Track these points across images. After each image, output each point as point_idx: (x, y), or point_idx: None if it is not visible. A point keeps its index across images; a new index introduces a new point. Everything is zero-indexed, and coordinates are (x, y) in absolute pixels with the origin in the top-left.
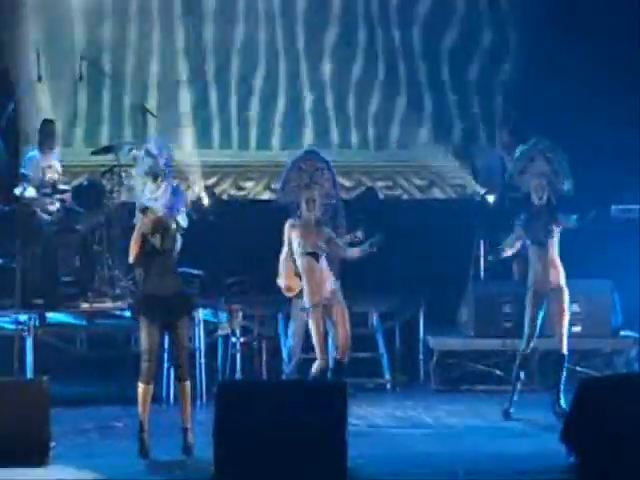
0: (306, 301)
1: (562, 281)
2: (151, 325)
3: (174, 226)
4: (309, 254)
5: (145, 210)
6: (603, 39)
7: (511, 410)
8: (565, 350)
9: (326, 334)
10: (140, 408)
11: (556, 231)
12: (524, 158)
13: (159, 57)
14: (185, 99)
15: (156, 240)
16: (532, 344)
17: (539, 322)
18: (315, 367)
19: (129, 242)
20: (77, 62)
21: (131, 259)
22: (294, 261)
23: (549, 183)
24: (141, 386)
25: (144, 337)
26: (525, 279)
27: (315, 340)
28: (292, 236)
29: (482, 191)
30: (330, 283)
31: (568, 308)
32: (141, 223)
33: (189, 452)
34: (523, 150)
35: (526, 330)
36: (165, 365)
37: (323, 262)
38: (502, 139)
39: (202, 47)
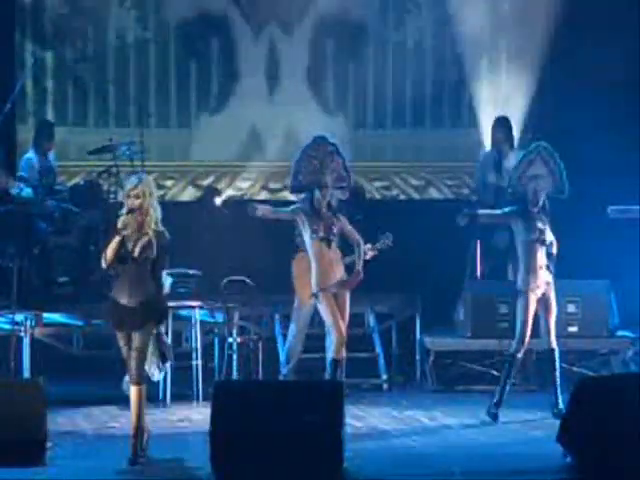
0: (314, 285)
1: (550, 278)
2: (119, 332)
3: (161, 239)
4: (320, 239)
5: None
6: (604, 38)
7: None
8: (555, 344)
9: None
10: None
11: (547, 235)
12: (524, 162)
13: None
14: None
15: (135, 247)
16: (525, 347)
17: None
18: (334, 342)
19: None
20: (73, 64)
21: (104, 264)
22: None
23: (545, 185)
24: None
25: (120, 344)
26: None
27: (330, 322)
28: (302, 220)
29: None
30: (339, 272)
31: (555, 304)
32: (124, 230)
33: (134, 462)
34: (523, 154)
35: (518, 333)
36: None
37: (335, 251)
38: (497, 137)
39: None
